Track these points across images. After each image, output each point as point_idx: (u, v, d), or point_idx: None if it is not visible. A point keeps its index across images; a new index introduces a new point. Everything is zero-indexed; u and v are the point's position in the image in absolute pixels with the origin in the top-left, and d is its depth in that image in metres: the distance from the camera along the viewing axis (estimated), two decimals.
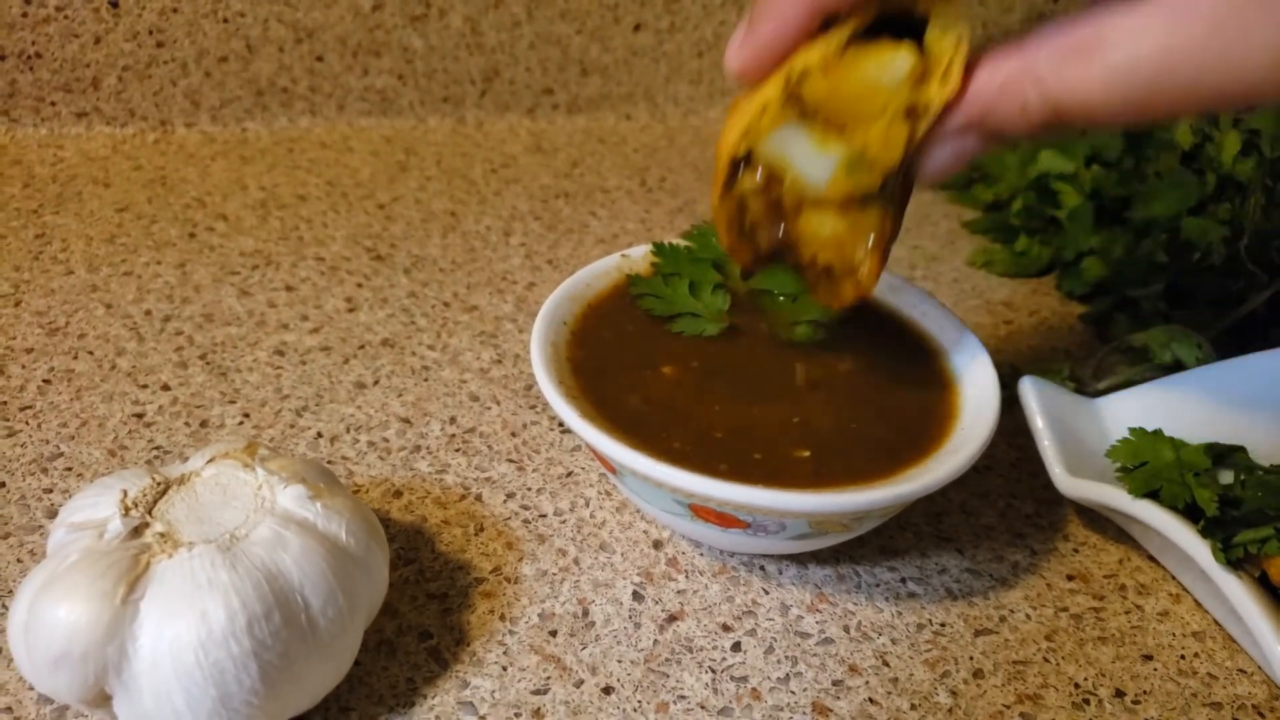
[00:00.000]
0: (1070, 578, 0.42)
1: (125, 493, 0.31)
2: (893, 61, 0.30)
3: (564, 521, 0.41)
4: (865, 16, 0.31)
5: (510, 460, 0.44)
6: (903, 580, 0.41)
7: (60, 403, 0.45)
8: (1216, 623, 0.40)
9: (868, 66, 0.30)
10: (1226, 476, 0.42)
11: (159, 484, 0.32)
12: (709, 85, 0.80)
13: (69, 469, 0.42)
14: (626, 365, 0.40)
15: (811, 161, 0.32)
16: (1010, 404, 0.46)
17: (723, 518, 0.35)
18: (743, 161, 0.33)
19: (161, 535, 0.30)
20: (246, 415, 0.46)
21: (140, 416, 0.45)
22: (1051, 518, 0.45)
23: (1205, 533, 0.36)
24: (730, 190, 0.33)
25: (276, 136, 0.71)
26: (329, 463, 0.43)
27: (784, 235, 0.34)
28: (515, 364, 0.51)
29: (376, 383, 0.48)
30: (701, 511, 0.35)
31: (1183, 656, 0.38)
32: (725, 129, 0.33)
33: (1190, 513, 0.38)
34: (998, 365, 0.54)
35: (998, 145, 0.31)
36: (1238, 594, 0.34)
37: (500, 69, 0.74)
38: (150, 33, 0.66)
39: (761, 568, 0.40)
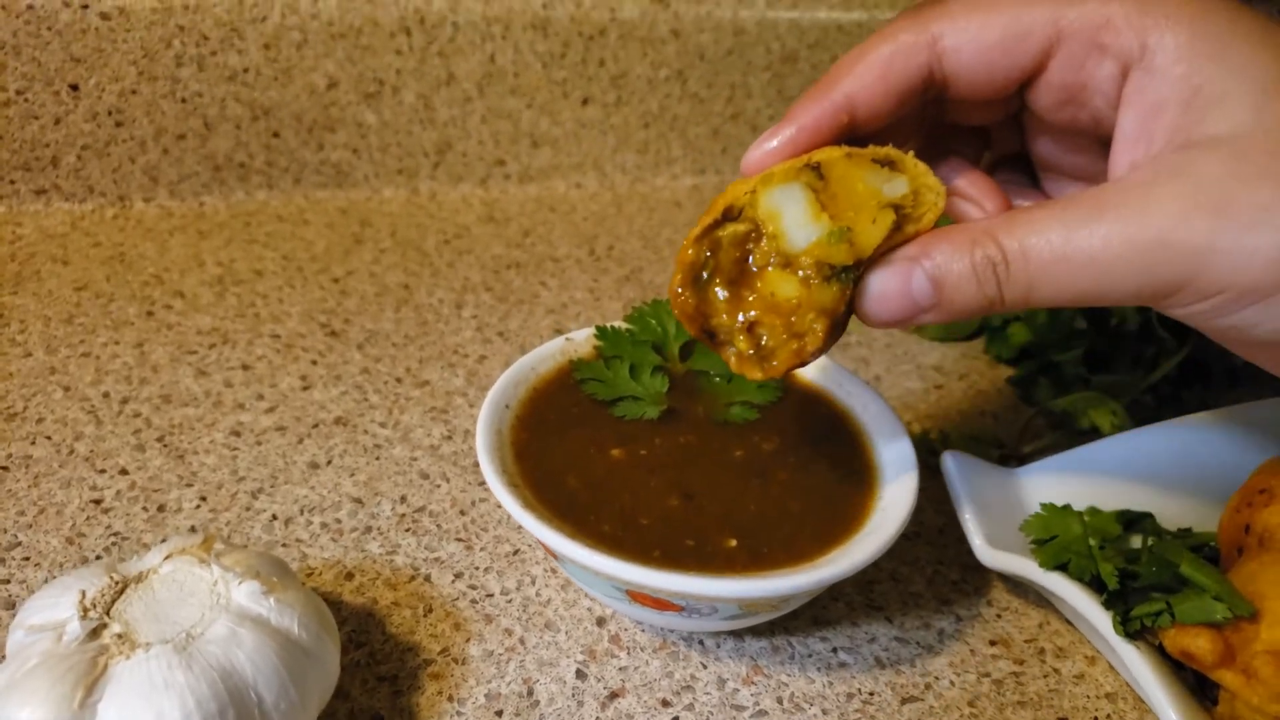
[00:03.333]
0: (993, 643, 0.44)
1: (84, 593, 0.33)
2: (893, 180, 0.35)
3: (510, 601, 0.43)
4: (878, 151, 0.35)
5: (459, 539, 0.46)
6: (834, 650, 0.43)
7: (18, 490, 0.46)
8: (1128, 684, 0.42)
9: (876, 174, 0.35)
10: (1138, 541, 0.45)
11: (117, 583, 0.34)
12: (654, 154, 0.83)
13: (26, 558, 0.43)
14: (568, 450, 0.42)
15: (800, 223, 0.35)
16: (938, 470, 0.48)
17: (658, 602, 0.37)
18: (736, 214, 0.36)
19: (119, 636, 0.32)
20: (203, 499, 0.47)
21: (98, 503, 0.46)
22: (976, 583, 0.47)
23: (1107, 605, 0.39)
24: (711, 233, 0.36)
25: (234, 210, 0.72)
26: (283, 545, 0.45)
27: (734, 295, 0.36)
28: (465, 439, 0.53)
29: (329, 462, 0.50)
30: (638, 596, 0.37)
31: (1096, 718, 0.41)
32: (731, 186, 0.36)
33: (1097, 584, 0.41)
34: (927, 429, 0.57)
35: (938, 294, 0.34)
36: (1136, 663, 0.37)
37: (453, 142, 0.77)
38: (109, 113, 0.68)
39: (700, 642, 0.42)
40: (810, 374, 0.47)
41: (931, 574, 0.47)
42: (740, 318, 0.36)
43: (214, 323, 0.60)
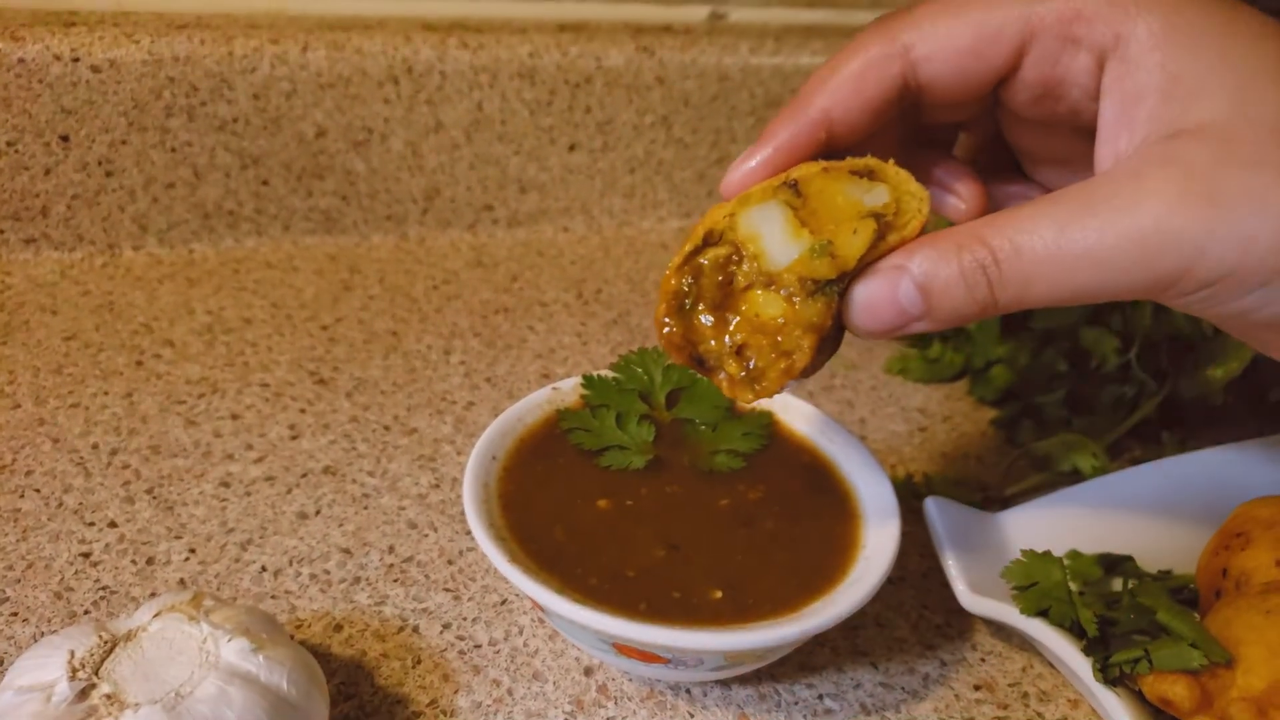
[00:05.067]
0: (977, 687, 0.44)
1: (73, 653, 0.33)
2: (873, 189, 0.35)
3: (498, 651, 0.43)
4: (856, 163, 0.36)
5: (447, 589, 0.46)
6: (820, 697, 0.43)
7: (6, 544, 0.46)
8: None
9: (855, 185, 0.35)
10: (1119, 584, 0.46)
11: (106, 642, 0.34)
12: (641, 199, 0.84)
13: (14, 614, 0.43)
14: (555, 501, 0.42)
15: (780, 242, 0.35)
16: (921, 514, 0.49)
17: (644, 654, 0.37)
18: (716, 238, 0.36)
19: (108, 697, 0.32)
20: (192, 551, 0.47)
21: (87, 556, 0.46)
22: (960, 627, 0.48)
23: (1087, 651, 0.39)
24: (693, 259, 0.36)
25: (223, 257, 0.73)
26: (272, 597, 0.45)
27: (720, 319, 0.37)
28: (453, 487, 0.53)
29: (318, 512, 0.50)
30: (624, 649, 0.37)
31: None
32: (711, 211, 0.37)
33: (1078, 629, 0.41)
34: (911, 473, 0.57)
35: (927, 301, 0.34)
36: (1116, 709, 0.37)
37: (441, 188, 0.78)
38: (99, 163, 0.68)
39: (687, 691, 0.42)
40: (794, 421, 0.48)
41: (916, 618, 0.48)
42: (727, 341, 0.36)
43: (203, 372, 0.60)
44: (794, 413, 0.48)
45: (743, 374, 0.36)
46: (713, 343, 0.36)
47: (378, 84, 0.73)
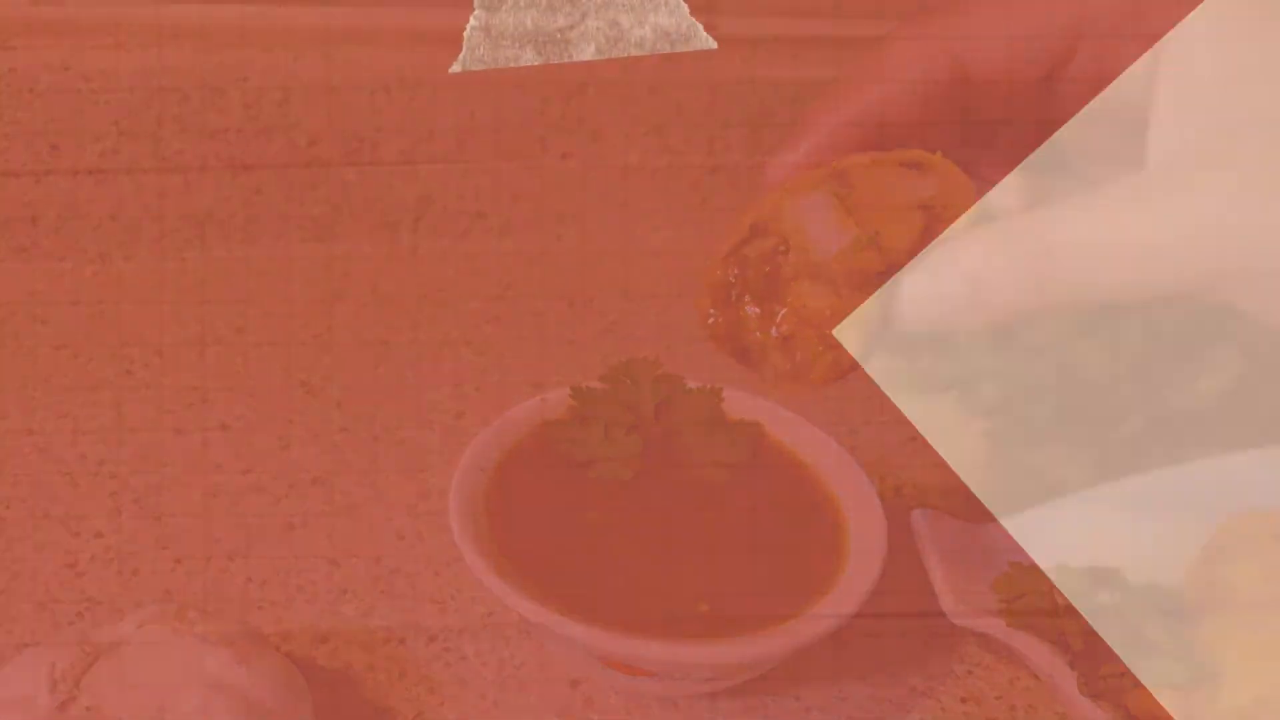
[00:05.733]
0: (964, 700, 0.44)
1: (54, 665, 0.33)
2: (920, 181, 0.34)
3: (484, 663, 0.43)
4: (904, 154, 0.35)
5: (434, 600, 0.46)
6: (808, 709, 0.43)
7: None
8: None
9: (903, 177, 0.34)
10: (1105, 597, 0.46)
11: (88, 654, 0.34)
12: (635, 207, 0.84)
13: None
14: (542, 513, 0.42)
15: (827, 232, 0.34)
16: (909, 525, 0.49)
17: (630, 668, 0.37)
18: (762, 229, 0.35)
19: (89, 710, 0.32)
20: (179, 562, 0.47)
21: (72, 567, 0.46)
22: (948, 639, 0.47)
23: (1073, 665, 0.39)
24: (738, 251, 0.35)
25: (214, 266, 0.73)
26: (259, 608, 0.45)
27: (766, 311, 0.35)
28: (441, 498, 0.52)
29: (305, 523, 0.50)
30: (610, 662, 0.37)
31: None
32: (754, 202, 0.36)
33: (1064, 643, 0.41)
34: (900, 483, 0.57)
35: (974, 294, 0.32)
36: None
37: (434, 196, 0.78)
38: (90, 172, 0.68)
39: (674, 703, 0.42)
40: (782, 433, 0.48)
41: (904, 630, 0.48)
42: (774, 334, 0.35)
43: (193, 381, 0.60)
44: (781, 424, 0.48)
45: (789, 367, 0.35)
46: (758, 335, 0.35)
47: (370, 92, 0.73)
